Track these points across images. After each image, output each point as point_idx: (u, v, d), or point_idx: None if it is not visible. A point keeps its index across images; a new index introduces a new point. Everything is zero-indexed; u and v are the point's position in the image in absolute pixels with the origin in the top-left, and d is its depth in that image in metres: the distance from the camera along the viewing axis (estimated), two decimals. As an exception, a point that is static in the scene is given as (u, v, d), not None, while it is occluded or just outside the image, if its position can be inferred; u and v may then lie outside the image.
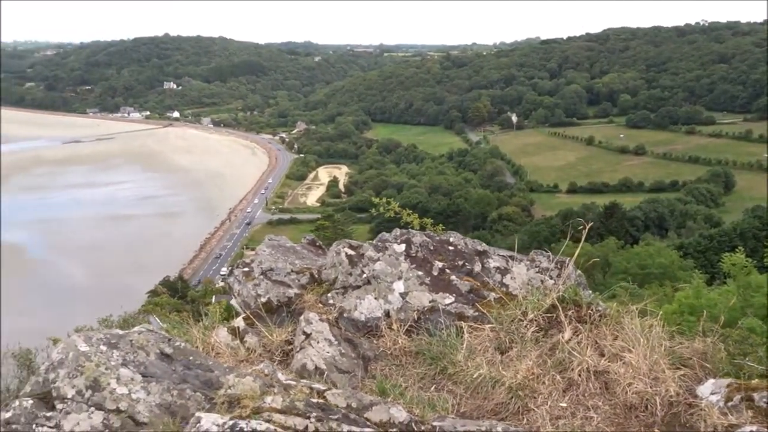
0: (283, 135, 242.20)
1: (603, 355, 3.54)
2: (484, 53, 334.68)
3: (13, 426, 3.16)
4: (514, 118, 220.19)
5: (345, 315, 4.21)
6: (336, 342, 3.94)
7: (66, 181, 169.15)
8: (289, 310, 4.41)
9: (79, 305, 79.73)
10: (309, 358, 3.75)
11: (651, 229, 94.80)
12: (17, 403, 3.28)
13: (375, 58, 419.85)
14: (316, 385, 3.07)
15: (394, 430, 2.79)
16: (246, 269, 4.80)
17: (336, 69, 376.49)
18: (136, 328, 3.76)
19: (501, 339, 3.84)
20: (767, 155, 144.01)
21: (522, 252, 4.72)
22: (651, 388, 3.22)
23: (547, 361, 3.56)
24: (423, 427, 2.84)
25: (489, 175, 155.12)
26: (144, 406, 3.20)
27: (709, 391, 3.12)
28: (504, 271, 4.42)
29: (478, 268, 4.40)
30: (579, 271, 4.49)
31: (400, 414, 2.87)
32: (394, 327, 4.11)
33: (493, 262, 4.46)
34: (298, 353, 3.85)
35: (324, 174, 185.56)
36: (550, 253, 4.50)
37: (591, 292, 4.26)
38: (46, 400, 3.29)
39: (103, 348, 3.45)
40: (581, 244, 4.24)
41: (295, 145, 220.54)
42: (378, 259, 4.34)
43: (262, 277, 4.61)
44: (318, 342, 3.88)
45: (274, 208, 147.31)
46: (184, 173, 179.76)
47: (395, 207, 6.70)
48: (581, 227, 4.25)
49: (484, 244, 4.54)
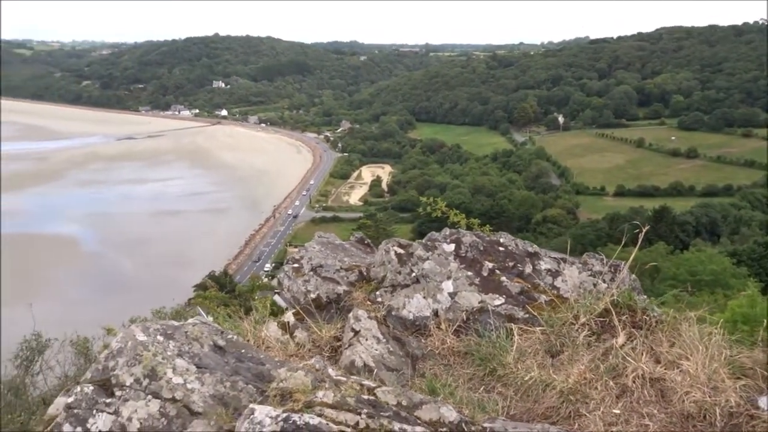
0: (328, 134, 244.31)
1: (659, 362, 3.45)
2: (531, 53, 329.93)
3: (75, 410, 3.28)
4: (561, 119, 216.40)
5: (393, 313, 4.22)
6: (384, 340, 3.96)
7: (119, 176, 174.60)
8: (337, 307, 4.45)
9: (129, 296, 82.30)
10: (358, 355, 3.77)
11: (702, 234, 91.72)
12: (78, 388, 3.40)
13: (420, 57, 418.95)
14: (366, 382, 3.09)
15: (445, 429, 2.78)
16: (296, 265, 4.86)
17: (381, 68, 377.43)
18: (190, 320, 3.86)
19: (552, 342, 3.78)
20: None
21: (568, 255, 4.64)
22: (710, 397, 3.12)
23: (599, 366, 3.49)
24: (473, 428, 2.82)
25: (534, 176, 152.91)
26: (198, 396, 3.28)
27: (773, 403, 3.00)
28: (555, 274, 4.35)
29: (528, 269, 4.34)
30: (634, 276, 4.38)
31: (450, 414, 2.86)
32: (443, 327, 4.09)
33: (544, 264, 4.39)
34: (347, 350, 3.88)
35: (367, 173, 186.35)
36: (603, 257, 4.40)
37: (646, 297, 4.15)
38: (106, 386, 3.40)
39: (159, 338, 3.55)
40: (637, 247, 4.14)
41: (339, 144, 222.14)
42: (427, 259, 4.34)
43: (311, 273, 4.66)
44: (366, 339, 3.90)
45: (317, 206, 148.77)
46: (231, 170, 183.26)
47: (442, 206, 6.67)
48: (637, 231, 4.15)
49: (535, 246, 4.48)
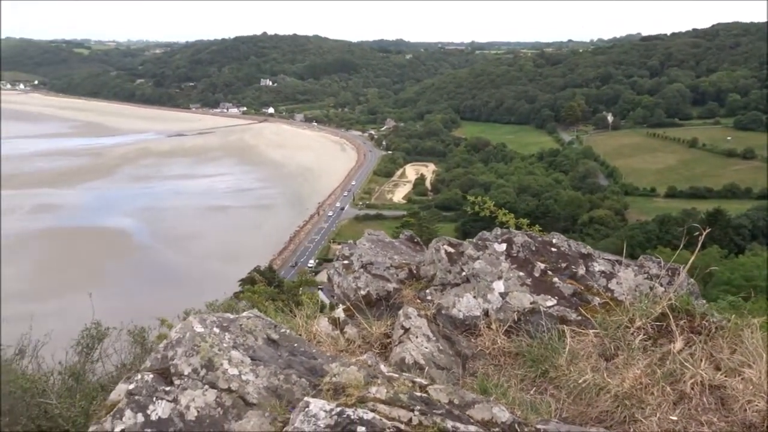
0: (372, 132, 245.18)
1: (719, 368, 3.35)
2: (580, 50, 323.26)
3: (136, 397, 3.40)
4: (610, 118, 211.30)
5: (443, 312, 4.22)
6: (434, 338, 3.96)
7: (169, 172, 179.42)
8: (387, 304, 4.48)
9: (177, 288, 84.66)
10: (408, 352, 3.79)
11: (759, 238, 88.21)
12: (139, 376, 3.53)
13: (466, 55, 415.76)
14: (418, 379, 3.10)
15: (497, 429, 2.77)
16: (346, 262, 4.91)
17: (426, 67, 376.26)
18: (244, 314, 3.95)
19: (606, 345, 3.72)
20: None
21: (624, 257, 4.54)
22: (774, 407, 3.01)
23: (656, 372, 3.41)
24: (526, 429, 2.80)
25: (581, 176, 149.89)
26: (253, 388, 3.36)
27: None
28: (609, 276, 4.27)
29: (582, 271, 4.28)
30: (692, 280, 4.26)
31: (503, 414, 2.84)
32: (493, 327, 4.07)
33: (597, 266, 4.32)
34: (397, 347, 3.90)
35: (411, 171, 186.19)
36: (661, 259, 4.29)
37: (705, 301, 4.03)
38: (165, 375, 3.51)
39: (216, 330, 3.65)
40: (697, 251, 4.02)
41: (384, 142, 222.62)
42: (478, 258, 4.32)
43: (362, 270, 4.71)
44: (416, 337, 3.91)
45: (361, 203, 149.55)
46: (277, 167, 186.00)
47: (490, 206, 6.61)
48: (697, 233, 4.03)
49: (588, 247, 4.41)
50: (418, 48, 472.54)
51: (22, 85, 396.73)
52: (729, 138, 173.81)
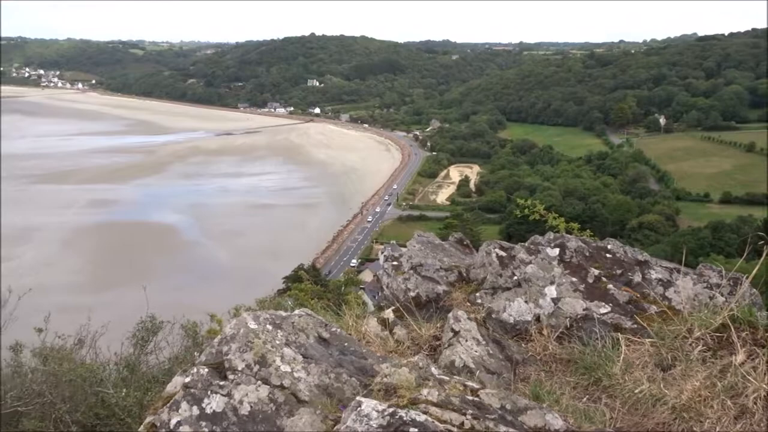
0: (417, 132, 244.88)
1: (784, 384, 3.21)
2: (632, 51, 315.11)
3: (191, 390, 3.50)
4: (662, 121, 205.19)
5: (493, 316, 4.18)
6: (484, 342, 3.94)
7: (217, 170, 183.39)
8: (437, 306, 4.47)
9: (223, 284, 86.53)
10: (458, 356, 3.78)
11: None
12: (195, 369, 3.62)
13: (514, 56, 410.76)
14: (470, 383, 3.09)
15: (550, 437, 2.74)
16: (395, 263, 4.93)
17: (473, 67, 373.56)
18: (296, 312, 4.01)
19: (662, 355, 3.62)
20: None
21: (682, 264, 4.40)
22: None
23: (716, 384, 3.30)
24: (580, 438, 2.76)
25: (630, 180, 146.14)
26: (304, 385, 3.41)
27: None
28: (667, 284, 4.15)
29: (637, 278, 4.18)
30: (755, 290, 4.10)
31: (556, 421, 2.81)
32: (545, 332, 4.02)
33: (654, 274, 4.20)
34: (446, 349, 3.89)
35: (455, 172, 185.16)
36: (722, 268, 4.15)
37: (768, 313, 3.87)
38: (219, 370, 3.60)
39: (269, 327, 3.71)
40: (762, 260, 3.85)
41: (428, 143, 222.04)
42: (530, 262, 4.27)
43: (411, 271, 4.71)
44: (466, 340, 3.90)
45: (404, 204, 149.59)
46: (322, 167, 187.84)
47: (540, 209, 6.51)
48: (762, 242, 3.87)
49: (645, 254, 4.30)
50: (465, 49, 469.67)
51: (80, 84, 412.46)
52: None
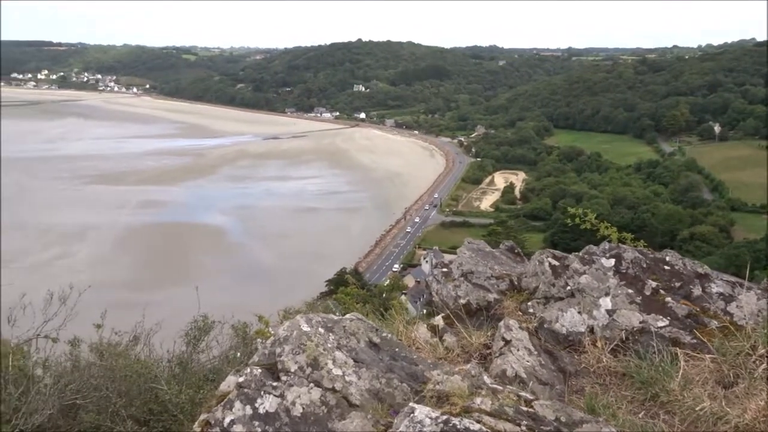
0: (462, 138, 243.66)
1: None
2: (686, 57, 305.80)
3: (245, 390, 3.56)
4: (717, 129, 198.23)
5: (545, 326, 4.12)
6: (536, 352, 3.88)
7: (264, 173, 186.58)
8: (487, 315, 4.43)
9: (267, 285, 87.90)
10: (509, 365, 3.74)
11: None
12: (248, 370, 3.69)
13: (562, 62, 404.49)
14: (524, 393, 3.05)
15: (607, 452, 2.68)
16: (445, 270, 4.91)
17: (520, 73, 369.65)
18: (347, 316, 4.04)
19: (724, 372, 3.49)
20: None
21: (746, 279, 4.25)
22: None
23: (782, 404, 3.17)
24: (638, 455, 2.69)
25: (682, 189, 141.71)
26: (356, 389, 3.43)
27: None
28: (728, 298, 4.01)
29: (697, 291, 4.05)
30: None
31: (612, 436, 2.75)
32: (599, 344, 3.93)
33: (715, 287, 4.07)
34: (497, 358, 3.86)
35: (500, 179, 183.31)
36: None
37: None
38: (272, 371, 3.66)
39: (321, 330, 3.75)
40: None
41: (473, 149, 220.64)
42: (584, 272, 4.19)
43: (462, 279, 4.69)
44: (518, 350, 3.85)
45: (447, 210, 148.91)
46: (366, 171, 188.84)
47: (592, 218, 6.37)
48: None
49: (706, 267, 4.16)
50: (512, 54, 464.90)
51: (135, 89, 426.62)
52: None
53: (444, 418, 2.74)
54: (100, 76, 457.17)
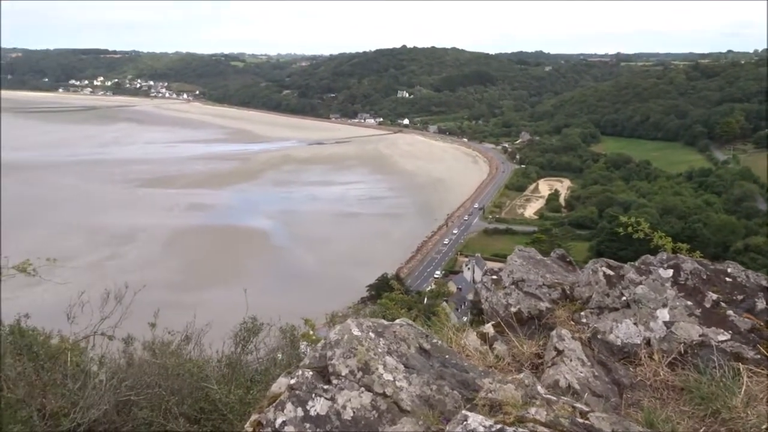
0: (506, 145, 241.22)
1: None
2: (742, 62, 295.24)
3: (296, 391, 3.60)
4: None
5: (599, 336, 4.03)
6: (589, 363, 3.80)
7: (307, 178, 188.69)
8: (539, 323, 4.37)
9: (310, 289, 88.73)
10: (562, 375, 3.67)
11: None
12: (300, 372, 3.73)
13: (610, 68, 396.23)
14: (579, 405, 2.99)
15: (668, 468, 2.60)
16: (494, 277, 4.87)
17: (566, 79, 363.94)
18: (397, 321, 4.04)
19: (790, 390, 3.35)
20: None
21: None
22: None
23: None
24: (701, 473, 2.60)
25: (736, 199, 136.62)
26: (406, 395, 3.43)
27: None
28: (795, 313, 3.85)
29: (761, 305, 3.89)
30: None
31: (673, 452, 2.67)
32: (655, 357, 3.83)
33: (781, 301, 3.91)
34: (550, 368, 3.79)
35: (544, 186, 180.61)
36: None
37: None
38: (323, 374, 3.69)
39: (371, 335, 3.77)
40: None
41: (517, 156, 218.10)
42: (640, 283, 4.08)
43: (513, 287, 4.63)
44: (571, 360, 3.78)
45: (490, 217, 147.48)
46: (408, 177, 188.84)
47: (645, 227, 6.22)
48: None
49: (770, 280, 4.00)
50: (558, 60, 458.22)
51: (185, 95, 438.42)
52: None
53: (498, 427, 2.71)
54: (152, 83, 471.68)
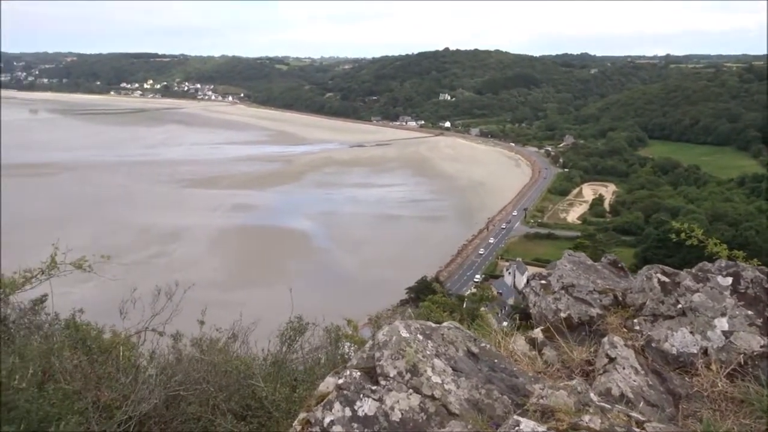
0: (549, 148, 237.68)
1: None
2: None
3: (344, 391, 3.62)
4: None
5: (653, 345, 3.92)
6: (642, 372, 3.71)
7: (348, 180, 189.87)
8: (589, 330, 4.28)
9: (349, 290, 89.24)
10: (615, 383, 3.59)
11: None
12: (348, 372, 3.75)
13: (659, 70, 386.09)
14: (634, 414, 2.92)
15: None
16: (543, 282, 4.79)
17: (613, 82, 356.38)
18: (445, 324, 4.02)
19: None
20: None
21: None
22: None
23: None
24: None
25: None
26: (455, 398, 3.40)
27: None
28: None
29: (829, 316, 3.73)
30: None
31: (735, 467, 2.57)
32: (713, 368, 3.70)
33: None
34: (602, 376, 3.71)
35: (588, 191, 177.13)
36: None
37: None
38: (371, 374, 3.70)
39: (420, 337, 3.76)
40: None
41: (561, 159, 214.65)
42: (697, 290, 3.96)
43: (562, 291, 4.55)
44: (623, 368, 3.69)
45: (532, 221, 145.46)
46: (449, 180, 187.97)
47: (699, 233, 6.02)
48: None
49: (838, 290, 3.82)
50: (605, 62, 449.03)
51: (230, 97, 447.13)
52: None
53: (551, 433, 2.66)
54: (199, 86, 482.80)
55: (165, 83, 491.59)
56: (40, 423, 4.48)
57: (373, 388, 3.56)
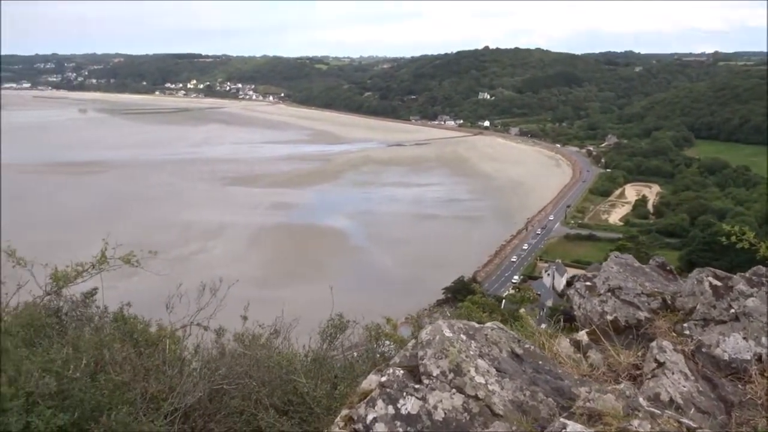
0: (591, 148, 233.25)
1: None
2: None
3: (387, 389, 3.64)
4: None
5: (704, 350, 3.82)
6: (692, 377, 3.61)
7: (386, 179, 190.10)
8: (637, 333, 4.19)
9: (387, 289, 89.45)
10: (663, 389, 3.51)
11: None
12: (391, 370, 3.77)
13: (706, 67, 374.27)
14: (685, 420, 2.85)
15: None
16: (588, 284, 4.72)
17: (658, 80, 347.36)
18: (488, 324, 4.00)
19: None
20: None
21: None
22: None
23: None
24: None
25: None
26: (498, 399, 3.38)
27: None
28: None
29: None
30: None
31: (793, 478, 2.49)
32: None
33: None
34: (650, 380, 3.63)
35: (631, 192, 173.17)
36: None
37: None
38: (414, 373, 3.71)
39: (463, 337, 3.75)
40: None
41: (603, 159, 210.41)
42: (751, 295, 3.84)
43: (609, 294, 4.48)
44: (673, 373, 3.60)
45: (573, 222, 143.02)
46: (487, 180, 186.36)
47: (751, 236, 5.82)
48: None
49: None
50: (650, 60, 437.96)
51: (271, 97, 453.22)
52: None
53: (599, 437, 2.63)
54: (240, 85, 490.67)
55: (208, 83, 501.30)
56: (92, 412, 4.64)
57: (416, 386, 3.57)
